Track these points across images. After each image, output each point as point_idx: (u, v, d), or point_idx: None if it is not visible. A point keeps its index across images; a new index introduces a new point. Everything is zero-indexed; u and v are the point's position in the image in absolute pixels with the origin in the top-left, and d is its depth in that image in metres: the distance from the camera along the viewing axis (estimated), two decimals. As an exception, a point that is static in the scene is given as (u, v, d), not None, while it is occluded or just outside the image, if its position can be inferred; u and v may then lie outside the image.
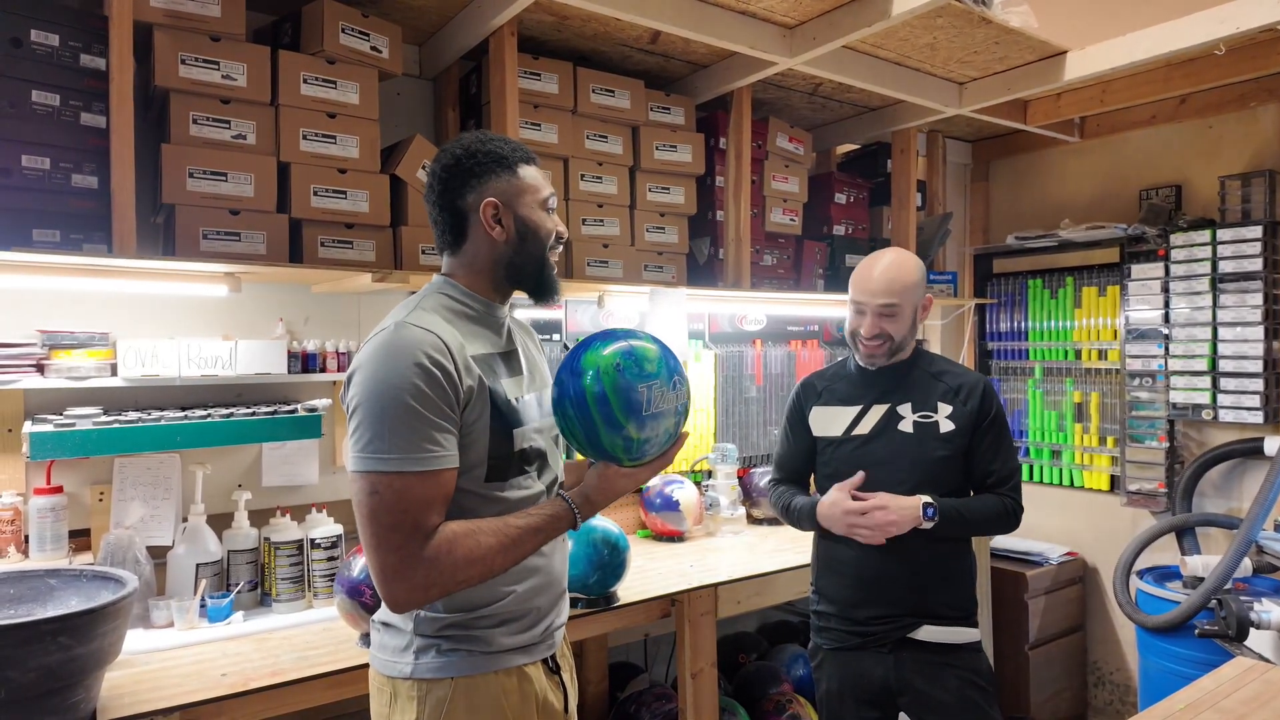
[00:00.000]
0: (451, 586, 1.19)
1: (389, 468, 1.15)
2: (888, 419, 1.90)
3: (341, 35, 2.09)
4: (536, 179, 1.38)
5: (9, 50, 1.71)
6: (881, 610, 1.86)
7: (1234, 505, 3.10)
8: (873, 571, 1.86)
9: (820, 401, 2.00)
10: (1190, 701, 1.59)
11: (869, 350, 1.89)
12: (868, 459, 1.89)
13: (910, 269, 1.88)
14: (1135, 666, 3.18)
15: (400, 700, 1.27)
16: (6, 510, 1.89)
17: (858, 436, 1.92)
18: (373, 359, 1.20)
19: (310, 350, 2.23)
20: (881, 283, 1.86)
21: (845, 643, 1.91)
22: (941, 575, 1.87)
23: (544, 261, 1.39)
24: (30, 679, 1.31)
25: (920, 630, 1.85)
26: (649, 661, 3.07)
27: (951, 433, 1.87)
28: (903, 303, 1.85)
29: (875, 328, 1.86)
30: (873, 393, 1.93)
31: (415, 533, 1.15)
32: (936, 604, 1.85)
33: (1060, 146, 3.66)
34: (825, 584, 1.96)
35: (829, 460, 1.96)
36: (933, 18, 2.41)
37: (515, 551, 1.24)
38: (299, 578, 2.08)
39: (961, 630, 1.86)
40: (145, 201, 1.95)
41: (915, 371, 1.94)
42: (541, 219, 1.38)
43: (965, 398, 1.89)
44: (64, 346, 1.91)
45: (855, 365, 1.99)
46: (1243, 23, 2.34)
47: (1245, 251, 2.98)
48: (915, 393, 1.91)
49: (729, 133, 2.87)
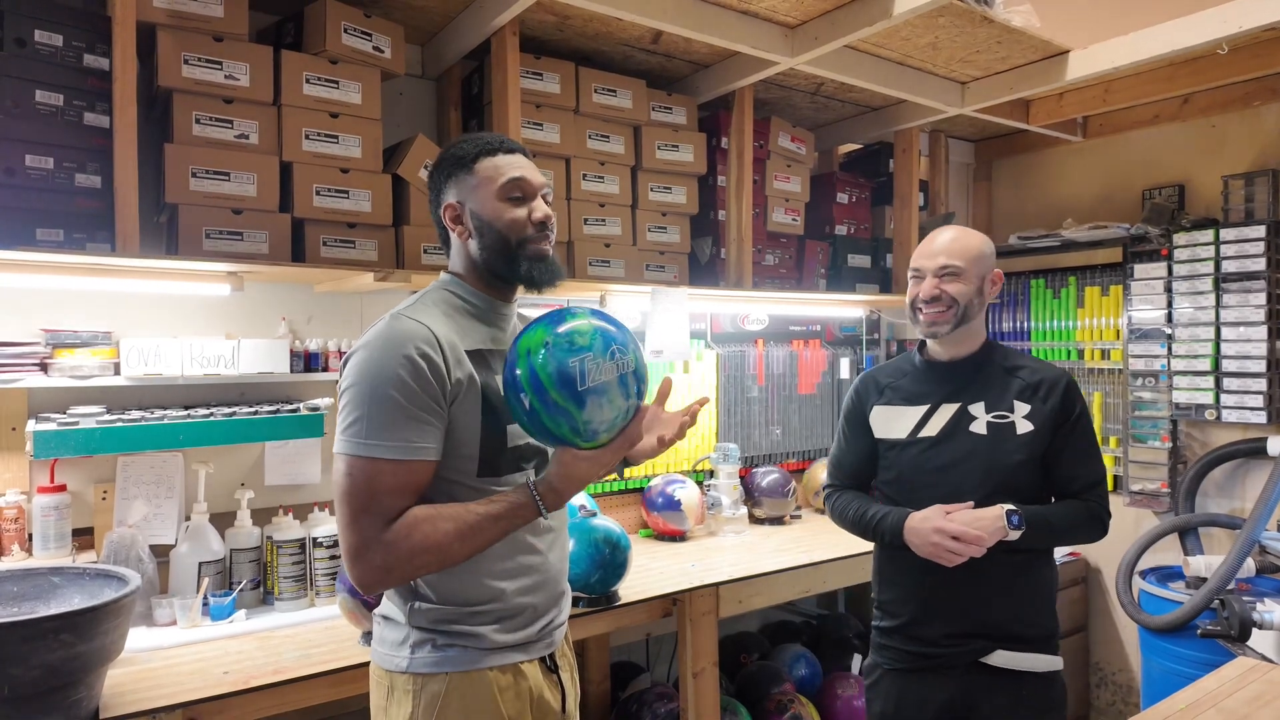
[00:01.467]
0: (410, 570, 1.20)
1: (364, 452, 1.19)
2: (958, 419, 1.71)
3: (344, 35, 2.09)
4: (495, 169, 1.34)
5: (13, 50, 1.72)
6: (951, 629, 1.68)
7: (1237, 505, 3.09)
8: (943, 587, 1.68)
9: (883, 400, 1.81)
10: (1192, 701, 1.59)
11: (930, 317, 1.70)
12: (936, 463, 1.71)
13: (976, 235, 1.74)
14: (1138, 667, 3.17)
15: (397, 694, 1.29)
16: (10, 508, 1.90)
17: (925, 439, 1.73)
18: (365, 347, 1.24)
19: (313, 349, 2.23)
20: (943, 246, 1.70)
21: (908, 663, 1.73)
22: (1020, 592, 1.68)
23: (512, 251, 1.34)
24: (33, 676, 1.32)
25: (994, 655, 1.66)
26: (650, 661, 3.07)
27: (1030, 434, 1.67)
28: (966, 266, 1.68)
29: (934, 289, 1.68)
30: (941, 390, 1.75)
31: (379, 517, 1.18)
32: (1014, 625, 1.66)
33: (1063, 146, 3.65)
34: (889, 599, 1.78)
35: (892, 464, 1.78)
36: (934, 17, 2.41)
37: (475, 538, 1.21)
38: (301, 576, 2.08)
39: (1041, 657, 1.67)
40: (148, 201, 1.95)
41: (988, 366, 1.74)
42: (497, 210, 1.33)
43: (1045, 395, 1.69)
44: (67, 345, 1.92)
45: (920, 360, 1.80)
46: (1246, 22, 2.33)
47: (1248, 251, 2.98)
48: (989, 390, 1.72)
49: (731, 132, 2.87)
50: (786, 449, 3.40)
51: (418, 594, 1.30)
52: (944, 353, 1.76)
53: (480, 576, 1.29)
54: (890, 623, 1.76)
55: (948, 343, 1.74)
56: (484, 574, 1.30)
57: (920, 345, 1.83)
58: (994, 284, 1.74)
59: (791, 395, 3.41)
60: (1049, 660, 1.68)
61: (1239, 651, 2.42)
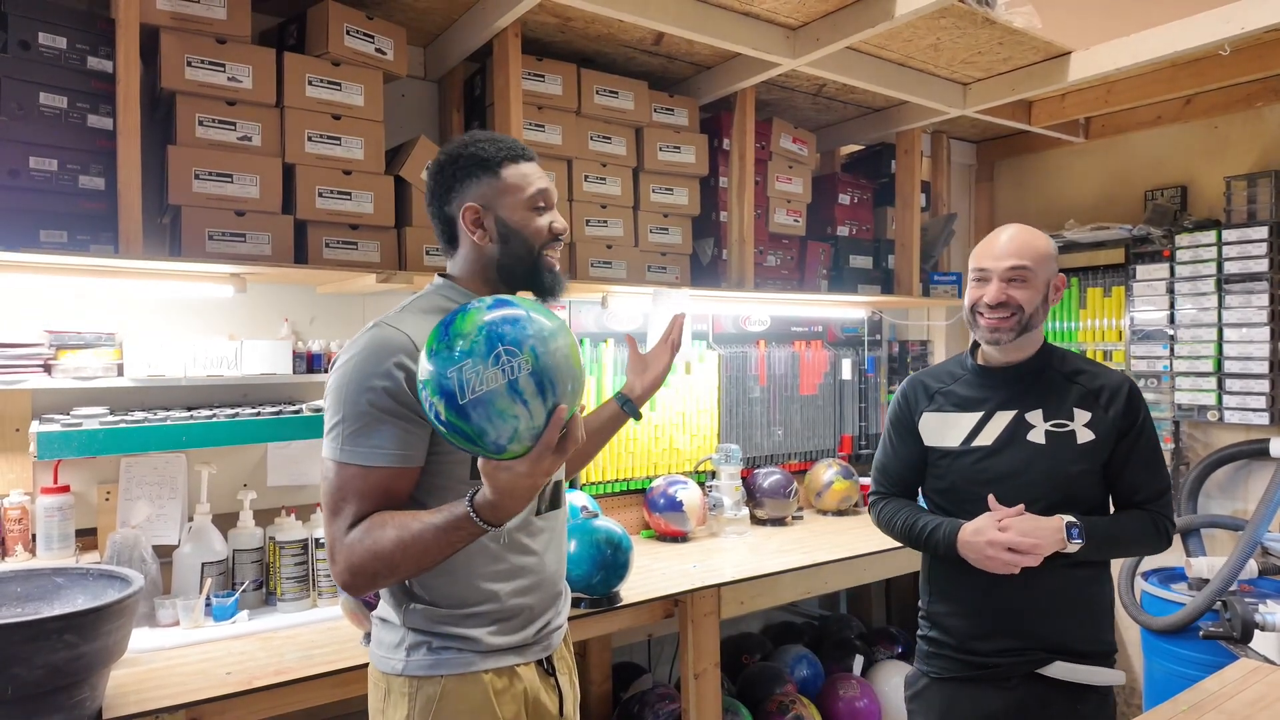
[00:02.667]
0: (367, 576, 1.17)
1: (339, 457, 1.21)
2: (1014, 428, 1.64)
3: (346, 37, 2.10)
4: (522, 178, 1.35)
5: (17, 53, 1.72)
6: (1005, 644, 1.62)
7: (1239, 507, 3.09)
8: (1000, 602, 1.62)
9: (933, 406, 1.73)
10: (1194, 703, 1.59)
11: (992, 324, 1.61)
12: (991, 474, 1.63)
13: (1042, 236, 1.65)
14: (1140, 668, 3.17)
15: (393, 696, 1.29)
16: (14, 509, 1.90)
17: (979, 448, 1.65)
18: (347, 353, 1.26)
19: (315, 350, 2.24)
20: (1010, 246, 1.61)
21: (959, 672, 1.67)
22: (1079, 605, 1.63)
23: (533, 261, 1.36)
24: (37, 676, 1.32)
25: (1052, 666, 1.60)
26: (652, 662, 3.08)
27: (1091, 444, 1.60)
28: (1036, 268, 1.60)
29: (1001, 294, 1.59)
30: (996, 397, 1.67)
31: (344, 520, 1.20)
32: (1073, 637, 1.61)
33: (1065, 147, 3.65)
34: (940, 612, 1.71)
35: (944, 473, 1.70)
36: (936, 19, 2.41)
37: (418, 549, 1.15)
38: (304, 577, 2.09)
39: (1102, 671, 1.62)
40: (152, 202, 1.96)
41: (1047, 372, 1.67)
42: (525, 219, 1.35)
43: (1107, 403, 1.62)
44: (71, 347, 1.92)
45: (972, 363, 1.73)
46: (1248, 23, 2.33)
47: (1251, 252, 2.97)
48: (1047, 397, 1.64)
49: (733, 134, 2.87)
50: (788, 450, 3.40)
51: (412, 596, 1.30)
52: (999, 357, 1.68)
53: (474, 578, 1.29)
54: (943, 636, 1.70)
55: (1005, 348, 1.66)
56: (477, 575, 1.30)
57: (973, 348, 1.75)
58: (1057, 290, 1.66)
59: (793, 396, 3.42)
60: (1110, 674, 1.62)
61: (1241, 653, 2.42)
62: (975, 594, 1.64)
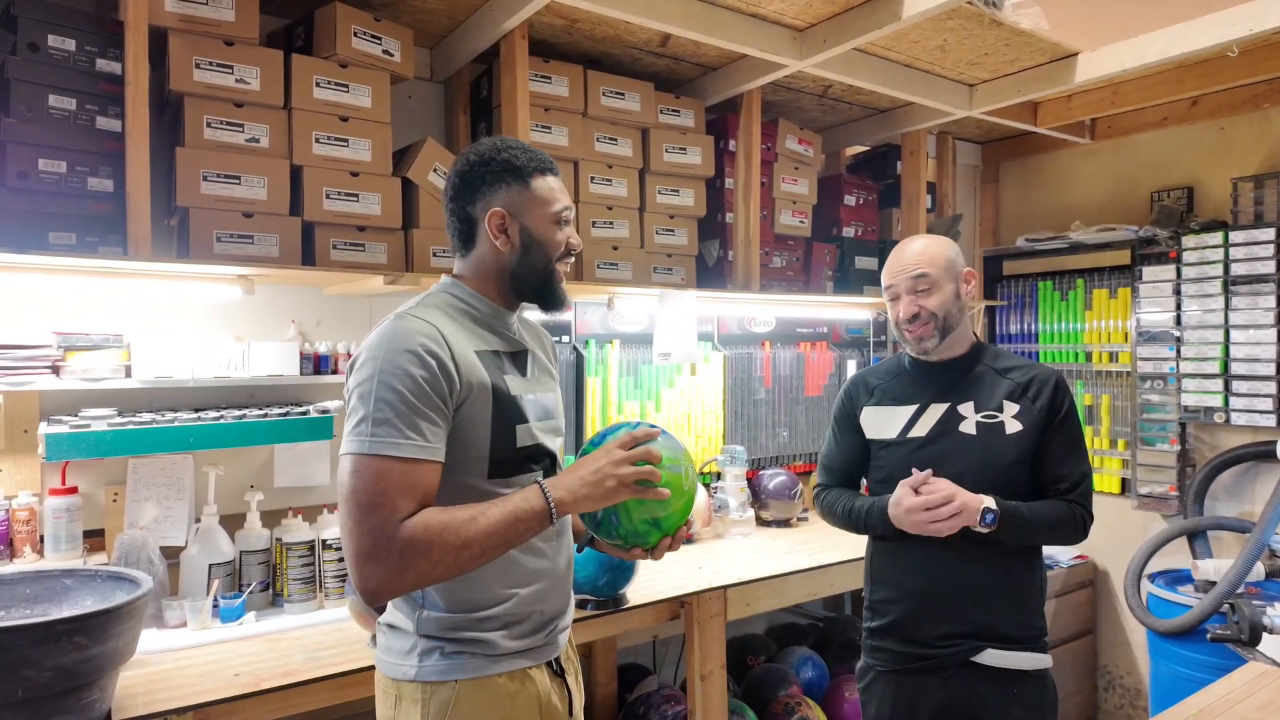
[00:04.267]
0: (426, 572, 1.15)
1: (370, 450, 1.16)
2: (947, 419, 1.74)
3: (354, 39, 2.10)
4: (550, 191, 1.37)
5: (26, 55, 1.73)
6: (942, 629, 1.69)
7: (1246, 509, 3.08)
8: (934, 587, 1.70)
9: (873, 401, 1.84)
10: (1203, 707, 1.59)
11: (915, 334, 1.73)
12: (926, 463, 1.72)
13: (940, 242, 1.76)
14: (1146, 670, 3.16)
15: (405, 703, 1.28)
16: (22, 510, 1.91)
17: (914, 439, 1.76)
18: (371, 347, 1.23)
19: (322, 352, 2.24)
20: (909, 258, 1.73)
21: (900, 664, 1.74)
22: (1008, 592, 1.70)
23: (548, 274, 1.38)
24: (47, 678, 1.33)
25: (984, 654, 1.67)
26: (658, 663, 3.07)
27: (1019, 434, 1.69)
28: (936, 274, 1.71)
29: (912, 307, 1.71)
30: (930, 390, 1.78)
31: (391, 516, 1.14)
32: (1003, 624, 1.68)
33: (1071, 148, 3.64)
34: (881, 599, 1.80)
35: (883, 464, 1.81)
36: (943, 20, 2.41)
37: (491, 540, 1.18)
38: (311, 578, 2.09)
39: (1031, 655, 1.68)
40: (160, 204, 1.96)
41: (978, 367, 1.77)
42: (548, 232, 1.37)
43: (1035, 395, 1.71)
44: (79, 348, 1.92)
45: (910, 360, 1.84)
46: (1256, 24, 2.32)
47: (1258, 254, 2.97)
48: (978, 390, 1.74)
49: (738, 135, 2.87)
50: (793, 451, 3.40)
51: (425, 601, 1.29)
52: (933, 354, 1.78)
53: (489, 582, 1.29)
54: (881, 623, 1.78)
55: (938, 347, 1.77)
56: (492, 579, 1.29)
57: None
58: (968, 283, 1.76)
59: (798, 397, 3.41)
60: (1038, 659, 1.69)
61: (1249, 656, 2.42)
62: (913, 581, 1.73)
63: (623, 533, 1.32)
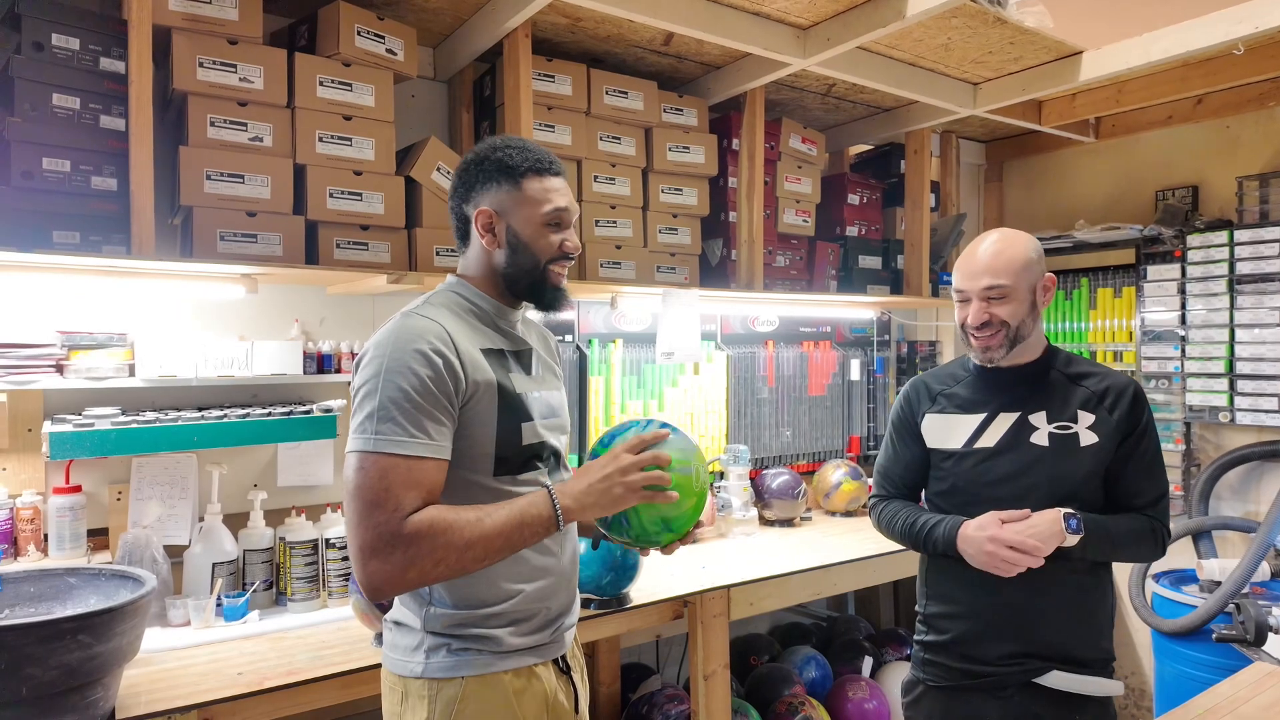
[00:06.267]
0: (424, 571, 1.16)
1: (376, 447, 1.17)
2: (1018, 430, 1.62)
3: (357, 38, 2.10)
4: (544, 192, 1.35)
5: (31, 54, 1.73)
6: (1007, 649, 1.59)
7: (1251, 509, 3.07)
8: (1000, 604, 1.59)
9: (935, 408, 1.72)
10: (1208, 707, 1.58)
11: (982, 343, 1.62)
12: (994, 475, 1.61)
13: (1019, 244, 1.61)
14: (1151, 670, 3.15)
15: (411, 699, 1.28)
16: (26, 509, 1.91)
17: (981, 450, 1.64)
18: (377, 345, 1.24)
19: (325, 351, 2.24)
20: (983, 261, 1.60)
21: (955, 681, 1.64)
22: (1079, 611, 1.60)
23: (537, 276, 1.36)
24: (51, 677, 1.33)
25: (1049, 676, 1.57)
26: (661, 663, 3.07)
27: (1094, 446, 1.58)
28: (1013, 283, 1.58)
29: (982, 314, 1.59)
30: (1000, 398, 1.66)
31: (395, 513, 1.15)
32: (1072, 646, 1.59)
33: (1075, 147, 3.63)
34: (938, 614, 1.69)
35: (946, 475, 1.69)
36: (948, 18, 2.40)
37: (495, 542, 1.19)
38: (314, 577, 2.09)
39: (1100, 681, 1.58)
40: (164, 203, 1.96)
41: (1050, 374, 1.66)
42: (537, 234, 1.35)
43: (1111, 404, 1.60)
44: (83, 347, 1.93)
45: (975, 365, 1.72)
46: (1261, 22, 2.31)
47: (1263, 253, 2.96)
48: (1051, 399, 1.63)
49: (742, 134, 2.86)
50: (797, 451, 3.40)
51: (433, 598, 1.29)
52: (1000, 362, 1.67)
53: (496, 579, 1.29)
54: (938, 638, 1.68)
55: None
56: (500, 576, 1.30)
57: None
58: (1046, 290, 1.63)
59: (802, 397, 3.41)
60: (1108, 685, 1.59)
61: (1254, 656, 2.41)
62: (974, 596, 1.62)
63: (634, 534, 1.33)
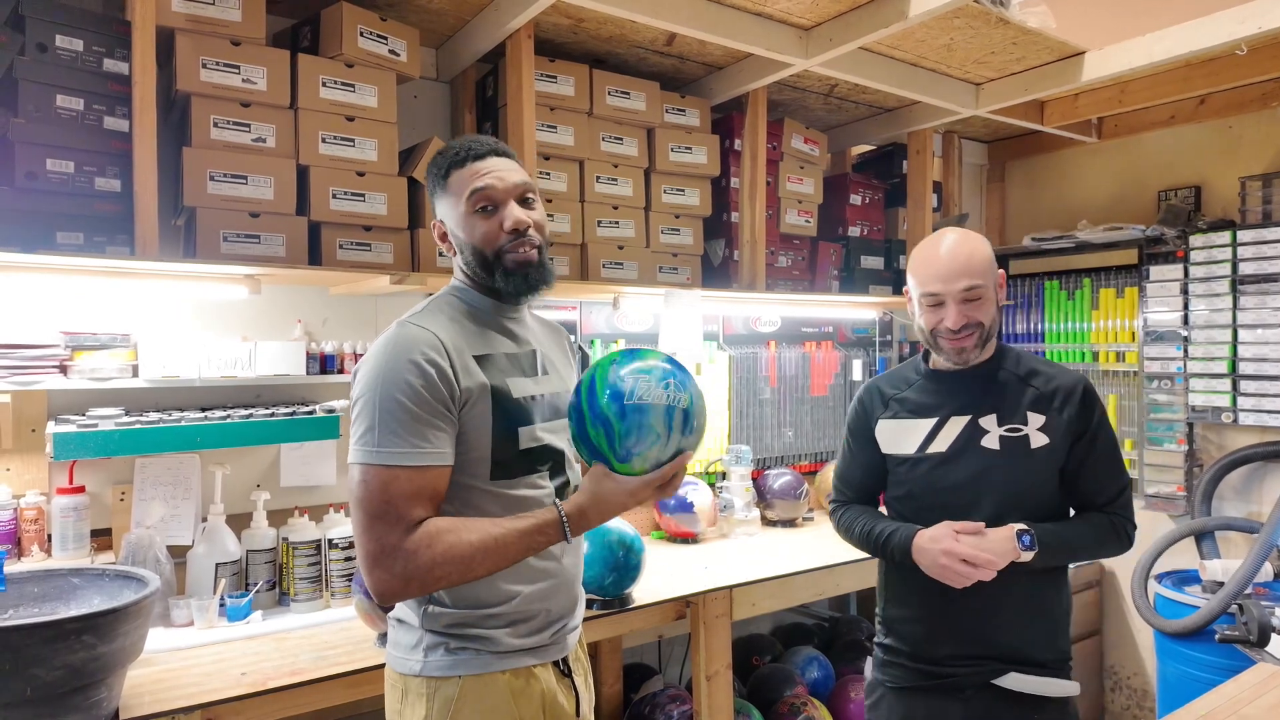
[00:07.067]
0: (430, 580, 1.18)
1: (376, 460, 1.19)
2: (969, 433, 1.61)
3: (360, 39, 2.10)
4: (461, 182, 1.31)
5: (35, 55, 1.73)
6: (961, 650, 1.59)
7: (1254, 509, 3.07)
8: (957, 607, 1.58)
9: (888, 413, 1.70)
10: (1211, 708, 1.58)
11: (958, 345, 1.57)
12: (947, 481, 1.61)
13: (982, 243, 1.60)
14: (1153, 671, 3.15)
15: (411, 697, 1.29)
16: (30, 509, 1.91)
17: (934, 455, 1.63)
18: (373, 356, 1.25)
19: (328, 352, 2.24)
20: (959, 262, 1.54)
21: (914, 682, 1.64)
22: (1035, 613, 1.60)
23: (490, 265, 1.33)
24: (56, 677, 1.33)
25: (1006, 677, 1.57)
26: (663, 663, 3.07)
27: (1046, 448, 1.57)
28: (986, 282, 1.55)
29: (963, 317, 1.54)
30: (951, 402, 1.63)
31: (397, 524, 1.17)
32: (1028, 646, 1.59)
33: (1077, 147, 3.63)
34: (896, 617, 1.69)
35: (902, 481, 1.68)
36: (950, 19, 2.40)
37: (500, 554, 1.21)
38: (317, 578, 2.09)
39: (1058, 682, 1.59)
40: (167, 204, 1.96)
41: (1000, 374, 1.63)
42: (469, 226, 1.32)
43: (1060, 405, 1.58)
44: (86, 348, 1.93)
45: (925, 368, 1.70)
46: (1264, 22, 2.31)
47: (1266, 253, 2.95)
48: (1001, 401, 1.60)
49: (744, 134, 2.86)
50: (799, 451, 3.40)
51: (431, 597, 1.30)
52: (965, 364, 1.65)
53: (495, 580, 1.29)
54: (896, 642, 1.68)
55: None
56: (499, 577, 1.29)
57: (925, 353, 1.71)
58: (1001, 288, 1.62)
59: (804, 397, 3.41)
60: (1065, 685, 1.59)
61: (1257, 657, 2.41)
62: (932, 599, 1.61)
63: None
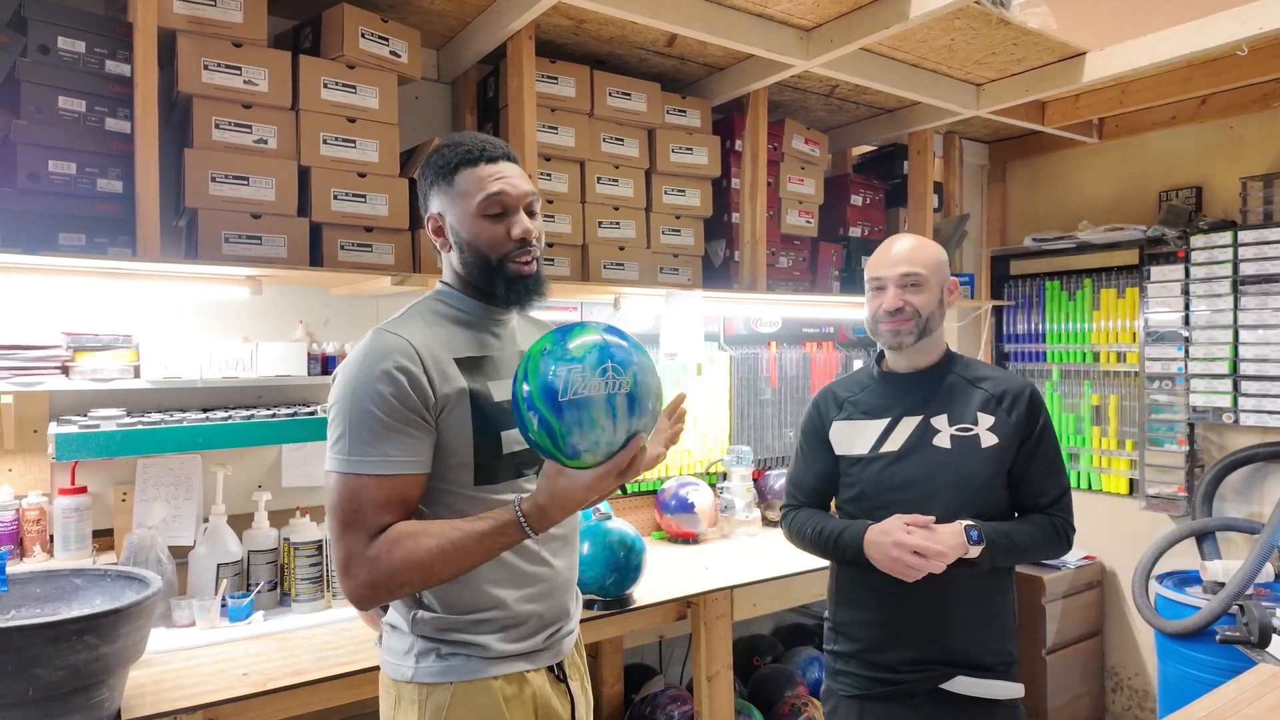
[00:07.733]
0: (395, 586, 1.18)
1: (347, 469, 1.19)
2: (921, 433, 1.66)
3: (361, 40, 2.10)
4: (475, 182, 1.30)
5: (36, 57, 1.74)
6: (911, 655, 1.61)
7: (1255, 510, 3.07)
8: (902, 610, 1.62)
9: (842, 415, 1.75)
10: (1212, 709, 1.58)
11: (893, 327, 1.65)
12: (900, 479, 1.65)
13: (931, 245, 1.70)
14: (1154, 672, 3.15)
15: (404, 703, 1.28)
16: (32, 510, 1.92)
17: (886, 454, 1.67)
18: (347, 365, 1.25)
19: (329, 352, 2.25)
20: (902, 252, 1.67)
21: (866, 690, 1.66)
22: (981, 616, 1.62)
23: (491, 270, 1.31)
24: (58, 677, 1.33)
25: (954, 681, 1.60)
26: (663, 663, 3.07)
27: (995, 447, 1.63)
28: (927, 274, 1.65)
29: (897, 300, 1.64)
30: (903, 403, 1.69)
31: (363, 532, 1.18)
32: (975, 650, 1.61)
33: (1078, 147, 3.63)
34: (845, 621, 1.72)
35: (855, 481, 1.71)
36: (951, 19, 2.40)
37: (459, 556, 1.19)
38: (318, 578, 2.10)
39: (1004, 685, 1.62)
40: (169, 205, 1.97)
41: (950, 377, 1.70)
42: (477, 228, 1.30)
43: (1009, 407, 1.65)
44: (88, 349, 1.93)
45: (879, 371, 1.76)
46: (1266, 23, 2.31)
47: (1267, 253, 2.95)
48: (952, 402, 1.67)
49: (745, 135, 2.87)
50: (800, 451, 3.40)
51: (421, 603, 1.29)
52: (904, 364, 1.72)
53: (483, 585, 1.28)
54: (847, 647, 1.70)
55: (908, 354, 1.70)
56: (486, 582, 1.28)
57: (879, 357, 1.78)
58: (951, 293, 1.71)
59: (804, 397, 3.41)
60: (1011, 688, 1.63)
61: (1258, 658, 2.41)
62: (880, 602, 1.64)
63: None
